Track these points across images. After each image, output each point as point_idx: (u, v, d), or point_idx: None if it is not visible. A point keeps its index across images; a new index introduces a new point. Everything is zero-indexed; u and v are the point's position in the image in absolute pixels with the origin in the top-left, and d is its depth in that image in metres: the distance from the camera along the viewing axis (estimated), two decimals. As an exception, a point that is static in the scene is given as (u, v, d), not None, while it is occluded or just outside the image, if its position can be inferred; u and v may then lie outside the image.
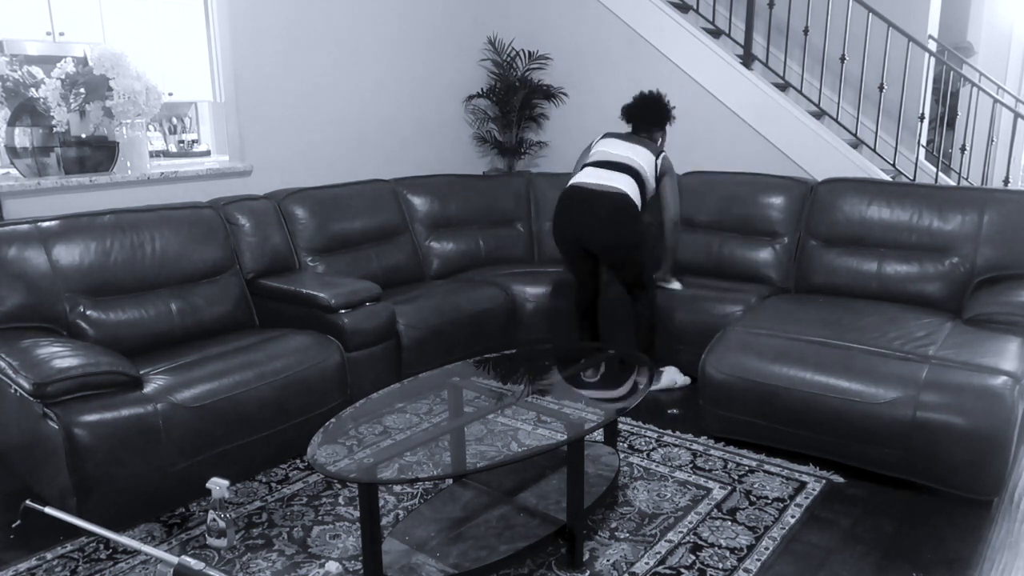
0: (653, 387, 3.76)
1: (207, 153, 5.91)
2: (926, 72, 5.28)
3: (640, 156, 3.64)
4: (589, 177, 3.61)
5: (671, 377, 3.81)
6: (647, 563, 2.40)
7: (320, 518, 2.67)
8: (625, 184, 3.54)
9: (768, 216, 4.09)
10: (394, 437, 2.97)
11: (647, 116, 3.79)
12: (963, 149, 5.25)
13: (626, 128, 3.85)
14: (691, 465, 3.03)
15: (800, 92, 4.88)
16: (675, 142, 4.83)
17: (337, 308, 3.35)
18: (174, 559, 1.58)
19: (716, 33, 5.05)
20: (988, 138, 5.18)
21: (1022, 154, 5.91)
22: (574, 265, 3.79)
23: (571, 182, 3.66)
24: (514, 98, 5.15)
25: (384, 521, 2.62)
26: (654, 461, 3.07)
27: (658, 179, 3.71)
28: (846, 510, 2.70)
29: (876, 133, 4.95)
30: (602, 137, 3.81)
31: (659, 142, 3.80)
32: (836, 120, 4.82)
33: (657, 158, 3.68)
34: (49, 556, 2.45)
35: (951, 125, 6.37)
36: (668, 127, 3.86)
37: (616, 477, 2.78)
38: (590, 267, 3.77)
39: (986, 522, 2.63)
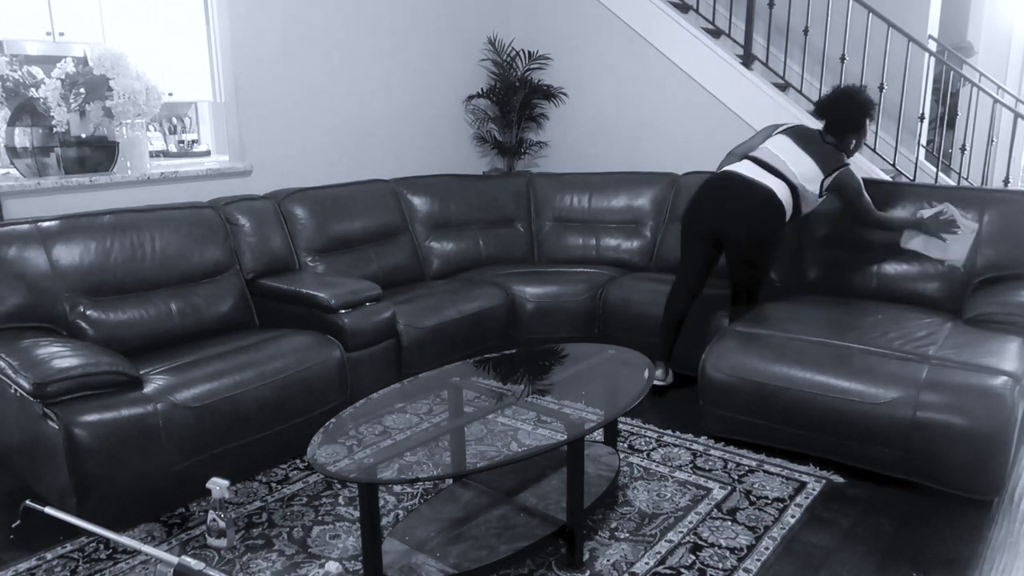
0: (661, 383, 3.74)
1: (207, 153, 5.92)
2: (926, 72, 5.28)
3: (803, 170, 3.40)
4: (744, 169, 3.44)
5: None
6: (647, 563, 2.40)
7: (320, 518, 2.67)
8: (777, 187, 3.37)
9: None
10: (394, 437, 2.97)
11: (837, 116, 3.45)
12: (963, 149, 5.25)
13: (817, 124, 3.54)
14: (691, 465, 3.03)
15: (800, 92, 4.88)
16: (675, 142, 4.86)
17: (337, 308, 3.35)
18: (174, 559, 1.58)
19: (716, 33, 5.04)
20: (988, 138, 5.17)
21: (1022, 154, 5.91)
22: (692, 254, 3.58)
23: (724, 168, 3.51)
24: (514, 98, 5.15)
25: (384, 521, 2.62)
26: (654, 461, 3.07)
27: (832, 192, 3.45)
28: (846, 510, 2.70)
29: (876, 133, 4.95)
30: (779, 132, 3.55)
31: (851, 145, 3.49)
32: (836, 120, 4.82)
33: (828, 176, 3.39)
34: (49, 556, 2.45)
35: (951, 125, 6.37)
36: (869, 124, 3.46)
37: (616, 477, 2.78)
38: (705, 260, 3.56)
39: (986, 522, 2.63)
